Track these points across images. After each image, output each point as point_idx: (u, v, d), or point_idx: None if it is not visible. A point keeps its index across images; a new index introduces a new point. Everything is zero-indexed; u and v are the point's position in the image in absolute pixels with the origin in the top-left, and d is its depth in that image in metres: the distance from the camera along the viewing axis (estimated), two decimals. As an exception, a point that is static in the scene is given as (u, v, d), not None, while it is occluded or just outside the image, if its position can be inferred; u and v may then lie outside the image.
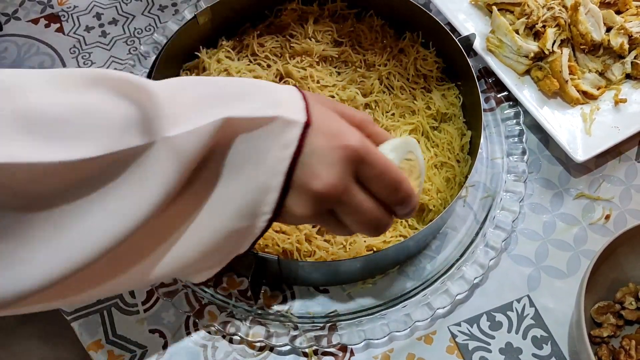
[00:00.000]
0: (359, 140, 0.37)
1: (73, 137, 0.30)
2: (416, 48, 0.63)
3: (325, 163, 0.35)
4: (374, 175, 0.37)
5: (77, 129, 0.30)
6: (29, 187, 0.29)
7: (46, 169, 0.29)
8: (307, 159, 0.35)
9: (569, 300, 0.55)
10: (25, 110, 0.29)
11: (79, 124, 0.30)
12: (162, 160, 0.32)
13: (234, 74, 0.59)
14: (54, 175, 0.30)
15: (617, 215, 0.61)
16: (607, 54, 0.65)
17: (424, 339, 0.54)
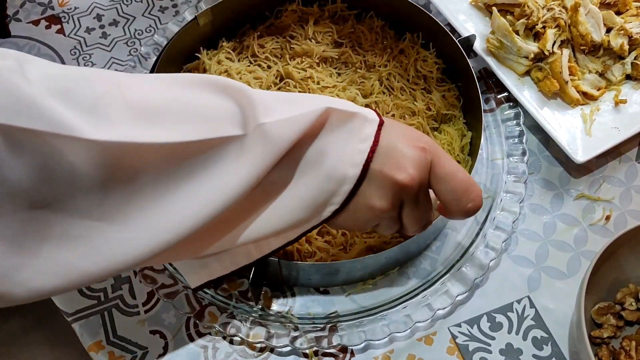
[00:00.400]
0: (432, 143, 0.40)
1: (178, 123, 0.33)
2: (416, 49, 0.63)
3: (407, 157, 0.38)
4: (442, 175, 0.40)
5: (182, 117, 0.34)
6: (137, 165, 0.32)
7: (154, 149, 0.32)
8: (390, 153, 0.38)
9: (569, 301, 0.55)
10: (136, 99, 0.33)
11: (184, 113, 0.34)
12: (256, 147, 0.35)
13: (235, 75, 0.59)
14: (159, 155, 0.33)
15: (617, 216, 0.61)
16: (607, 54, 0.65)
17: (424, 340, 0.54)
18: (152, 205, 0.33)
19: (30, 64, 0.31)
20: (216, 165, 0.34)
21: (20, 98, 0.29)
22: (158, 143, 0.32)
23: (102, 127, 0.31)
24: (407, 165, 0.38)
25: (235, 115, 0.35)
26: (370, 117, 0.39)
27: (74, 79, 0.32)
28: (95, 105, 0.31)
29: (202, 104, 0.35)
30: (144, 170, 0.33)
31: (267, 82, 0.60)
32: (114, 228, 0.32)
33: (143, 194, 0.33)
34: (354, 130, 0.38)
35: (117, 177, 0.32)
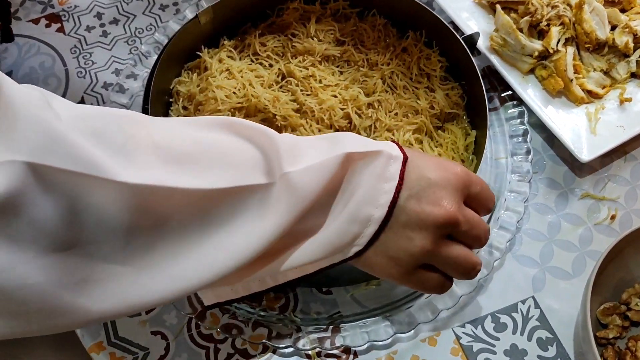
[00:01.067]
0: (461, 166, 0.40)
1: (205, 169, 0.33)
2: (419, 47, 0.63)
3: (441, 188, 0.38)
4: (479, 191, 0.40)
5: (208, 163, 0.33)
6: (164, 210, 0.32)
7: (182, 194, 0.32)
8: (422, 188, 0.38)
9: (574, 302, 0.55)
10: (163, 143, 0.33)
11: (210, 159, 0.34)
12: (282, 197, 0.34)
13: (236, 73, 0.59)
14: (186, 201, 0.32)
15: (622, 216, 0.60)
16: (612, 52, 0.64)
17: (427, 341, 0.54)
18: (176, 253, 0.33)
19: (57, 101, 0.31)
20: (243, 215, 0.34)
21: (52, 136, 0.28)
22: (187, 188, 0.32)
23: (131, 169, 0.30)
24: (442, 197, 0.38)
25: (260, 162, 0.35)
26: (394, 154, 0.38)
27: (102, 119, 0.31)
28: (125, 147, 0.31)
29: (229, 150, 0.35)
30: (171, 216, 0.32)
31: (268, 80, 0.59)
32: (136, 272, 0.32)
33: (168, 241, 0.32)
34: (377, 171, 0.37)
35: (144, 221, 0.31)
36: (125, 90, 0.63)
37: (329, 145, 0.37)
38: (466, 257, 0.40)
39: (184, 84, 0.60)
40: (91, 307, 0.31)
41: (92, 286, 0.31)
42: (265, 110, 0.57)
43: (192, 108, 0.58)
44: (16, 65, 0.69)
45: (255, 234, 0.34)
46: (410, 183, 0.38)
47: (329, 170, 0.35)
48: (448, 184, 0.38)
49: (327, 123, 0.58)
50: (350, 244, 0.38)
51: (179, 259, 0.33)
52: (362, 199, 0.37)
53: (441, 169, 0.39)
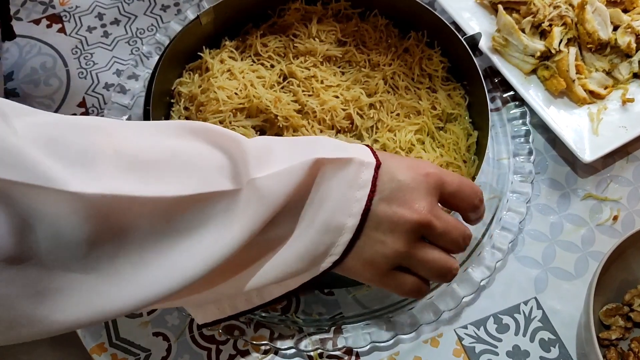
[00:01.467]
0: (434, 166, 0.39)
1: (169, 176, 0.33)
2: (421, 47, 0.62)
3: (412, 190, 0.37)
4: (455, 190, 0.40)
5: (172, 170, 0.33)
6: (126, 219, 0.31)
7: (144, 203, 0.31)
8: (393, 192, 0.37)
9: (576, 303, 0.55)
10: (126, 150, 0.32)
11: (175, 166, 0.33)
12: (249, 202, 0.34)
13: (238, 74, 0.59)
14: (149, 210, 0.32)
15: (625, 216, 0.60)
16: (614, 52, 0.64)
17: (430, 342, 0.53)
18: (141, 261, 0.32)
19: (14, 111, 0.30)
20: (209, 221, 0.33)
21: (2, 148, 0.27)
22: (149, 197, 0.31)
23: (87, 179, 0.30)
24: (413, 199, 0.37)
25: (227, 167, 0.34)
26: (366, 161, 0.37)
27: (63, 128, 0.31)
28: (83, 156, 0.30)
29: (194, 156, 0.34)
30: (134, 225, 0.32)
31: (270, 81, 0.59)
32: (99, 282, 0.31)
33: (131, 249, 0.32)
34: (349, 178, 0.37)
35: (103, 231, 0.30)
36: (126, 90, 0.63)
37: (300, 150, 0.36)
38: (441, 260, 0.39)
39: (185, 85, 0.60)
40: (54, 317, 0.30)
41: (53, 296, 0.30)
42: (266, 110, 0.57)
43: (193, 109, 0.58)
44: (17, 65, 0.69)
45: (222, 240, 0.34)
46: (381, 186, 0.37)
47: (297, 175, 0.35)
48: (419, 185, 0.38)
49: (328, 124, 0.58)
50: (325, 253, 0.37)
51: (143, 267, 0.32)
52: (334, 207, 0.36)
53: (412, 170, 0.38)
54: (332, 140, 0.39)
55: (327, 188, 0.36)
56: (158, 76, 0.55)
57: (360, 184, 0.37)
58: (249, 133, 0.57)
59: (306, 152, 0.36)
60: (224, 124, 0.56)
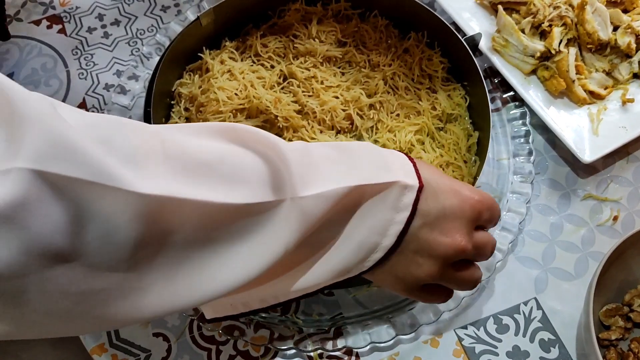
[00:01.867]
0: (477, 193, 0.40)
1: (217, 182, 0.32)
2: (421, 48, 0.62)
3: (458, 221, 0.38)
4: (490, 215, 0.41)
5: (220, 176, 0.33)
6: (173, 222, 0.31)
7: (192, 207, 0.31)
8: (437, 217, 0.38)
9: (576, 303, 0.55)
10: (175, 152, 0.32)
11: (221, 172, 0.33)
12: (290, 219, 0.34)
13: (238, 74, 0.59)
14: (197, 214, 0.32)
15: (625, 217, 0.60)
16: (614, 53, 0.64)
17: (430, 343, 0.54)
18: (181, 267, 0.32)
19: (67, 110, 0.30)
20: (250, 231, 0.34)
21: (62, 143, 0.27)
22: (198, 201, 0.31)
23: (143, 179, 0.29)
24: (456, 229, 0.38)
25: (270, 177, 0.34)
26: (409, 184, 0.37)
27: (111, 127, 0.31)
28: (135, 156, 0.30)
29: (240, 162, 0.34)
30: (180, 228, 0.32)
31: (270, 81, 0.59)
32: (138, 284, 0.31)
33: (174, 253, 0.32)
34: (390, 201, 0.37)
35: (152, 232, 0.30)
36: (126, 91, 0.63)
37: (345, 169, 0.36)
38: (470, 275, 0.41)
39: (185, 86, 0.60)
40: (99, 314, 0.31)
41: (95, 298, 0.30)
42: (266, 111, 0.57)
43: (193, 109, 0.58)
44: (17, 66, 0.69)
45: (260, 253, 0.34)
46: (424, 210, 0.38)
47: (339, 198, 0.35)
48: (463, 215, 0.39)
49: (328, 124, 0.58)
50: (355, 267, 0.38)
51: (183, 272, 0.32)
52: (372, 227, 0.37)
53: (458, 198, 0.39)
54: (374, 152, 0.39)
55: (367, 210, 0.37)
56: (158, 77, 0.55)
57: (400, 207, 0.37)
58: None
59: (349, 173, 0.36)
60: (224, 124, 0.56)
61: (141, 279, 0.31)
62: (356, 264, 0.37)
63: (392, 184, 0.37)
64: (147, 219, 0.30)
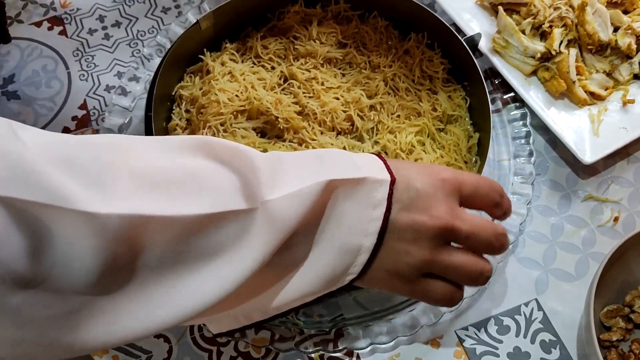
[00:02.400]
0: (449, 169, 0.39)
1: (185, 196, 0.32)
2: (421, 49, 0.62)
3: (430, 196, 0.37)
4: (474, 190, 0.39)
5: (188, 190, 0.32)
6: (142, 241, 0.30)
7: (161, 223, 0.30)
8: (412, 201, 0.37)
9: (577, 304, 0.55)
10: (140, 169, 0.31)
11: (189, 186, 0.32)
12: (264, 225, 0.33)
13: (238, 76, 0.59)
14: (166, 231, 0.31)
15: (625, 217, 0.60)
16: (615, 54, 0.64)
17: (430, 344, 0.54)
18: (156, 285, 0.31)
19: (26, 131, 0.29)
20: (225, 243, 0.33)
21: (18, 167, 0.26)
22: (167, 216, 0.30)
23: (107, 199, 0.29)
24: (432, 205, 0.37)
25: (241, 186, 0.34)
26: (380, 178, 0.36)
27: (75, 147, 0.30)
28: (99, 176, 0.29)
29: (207, 175, 0.33)
30: (150, 247, 0.31)
31: (271, 82, 0.59)
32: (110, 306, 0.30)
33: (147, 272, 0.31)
34: (364, 198, 0.36)
35: (120, 252, 0.30)
36: (127, 92, 0.63)
37: (311, 169, 0.36)
38: (470, 263, 0.38)
39: (186, 88, 0.60)
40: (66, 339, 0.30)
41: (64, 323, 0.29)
42: (267, 112, 0.57)
43: (194, 111, 0.58)
44: (18, 68, 0.69)
45: (237, 264, 0.33)
46: (399, 196, 0.37)
47: (309, 198, 0.34)
48: (437, 191, 0.37)
49: (329, 125, 0.58)
50: (344, 273, 0.37)
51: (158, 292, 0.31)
52: (350, 228, 0.36)
53: (428, 176, 0.38)
54: (343, 155, 0.38)
55: (342, 210, 0.36)
56: (159, 81, 0.55)
57: (375, 202, 0.36)
58: (249, 135, 0.57)
59: (318, 171, 0.35)
60: (224, 126, 0.56)
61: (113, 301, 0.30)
62: (343, 271, 0.36)
63: (363, 180, 0.36)
64: (113, 239, 0.29)
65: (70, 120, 0.66)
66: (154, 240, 0.31)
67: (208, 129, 0.56)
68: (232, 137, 0.56)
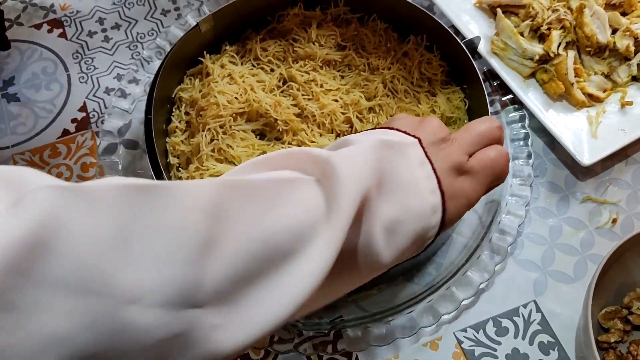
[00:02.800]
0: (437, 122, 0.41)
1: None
2: (420, 51, 0.63)
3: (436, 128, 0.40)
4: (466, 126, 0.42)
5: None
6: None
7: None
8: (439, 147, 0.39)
9: (575, 305, 0.55)
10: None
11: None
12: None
13: (238, 78, 0.59)
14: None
15: (624, 219, 0.60)
16: (613, 56, 0.64)
17: (429, 345, 0.54)
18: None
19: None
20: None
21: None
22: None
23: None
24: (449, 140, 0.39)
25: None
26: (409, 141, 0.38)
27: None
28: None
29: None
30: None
31: (270, 85, 0.59)
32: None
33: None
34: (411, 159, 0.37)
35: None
36: (127, 95, 0.63)
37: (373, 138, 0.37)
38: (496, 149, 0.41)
39: (186, 91, 0.60)
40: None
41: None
42: (266, 114, 0.57)
43: (193, 113, 0.58)
44: (18, 70, 0.69)
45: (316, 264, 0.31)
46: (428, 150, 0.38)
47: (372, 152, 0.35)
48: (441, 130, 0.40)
49: (328, 127, 0.58)
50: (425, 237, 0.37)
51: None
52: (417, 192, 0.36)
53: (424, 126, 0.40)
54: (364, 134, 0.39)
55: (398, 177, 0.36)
56: (158, 84, 0.55)
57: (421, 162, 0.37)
58: (248, 137, 0.57)
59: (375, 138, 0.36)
60: (224, 128, 0.57)
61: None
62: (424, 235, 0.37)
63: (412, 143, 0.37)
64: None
65: (70, 123, 0.66)
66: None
67: (207, 131, 0.56)
68: (231, 139, 0.56)
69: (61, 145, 0.65)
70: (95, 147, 0.64)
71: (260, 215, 0.30)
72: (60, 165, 0.63)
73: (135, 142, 0.61)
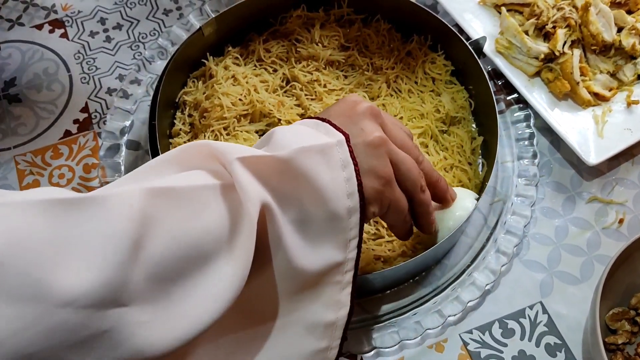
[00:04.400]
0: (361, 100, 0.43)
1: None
2: (424, 51, 0.62)
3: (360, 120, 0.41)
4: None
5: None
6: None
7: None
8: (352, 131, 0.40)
9: (582, 307, 0.54)
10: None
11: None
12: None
13: (241, 79, 0.58)
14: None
15: (631, 219, 0.59)
16: (619, 54, 0.64)
17: (435, 347, 0.53)
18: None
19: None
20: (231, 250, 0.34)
21: None
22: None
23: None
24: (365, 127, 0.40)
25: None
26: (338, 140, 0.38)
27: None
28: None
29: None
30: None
31: (273, 85, 0.59)
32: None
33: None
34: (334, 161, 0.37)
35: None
36: (129, 95, 0.62)
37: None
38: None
39: (190, 94, 0.60)
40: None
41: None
42: (270, 115, 0.57)
43: (197, 116, 0.58)
44: (20, 71, 0.69)
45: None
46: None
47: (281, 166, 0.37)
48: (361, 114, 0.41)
49: (331, 128, 0.57)
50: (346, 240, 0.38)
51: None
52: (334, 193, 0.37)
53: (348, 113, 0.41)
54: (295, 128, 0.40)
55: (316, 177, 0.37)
56: (163, 87, 0.55)
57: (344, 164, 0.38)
58: (252, 138, 0.56)
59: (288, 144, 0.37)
60: (228, 130, 0.56)
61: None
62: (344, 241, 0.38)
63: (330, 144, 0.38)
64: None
65: (72, 124, 0.66)
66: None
67: (211, 132, 0.56)
68: (235, 140, 0.56)
69: (63, 146, 0.64)
70: (97, 148, 0.64)
71: (183, 220, 0.32)
72: (62, 166, 0.63)
73: (138, 142, 0.60)
